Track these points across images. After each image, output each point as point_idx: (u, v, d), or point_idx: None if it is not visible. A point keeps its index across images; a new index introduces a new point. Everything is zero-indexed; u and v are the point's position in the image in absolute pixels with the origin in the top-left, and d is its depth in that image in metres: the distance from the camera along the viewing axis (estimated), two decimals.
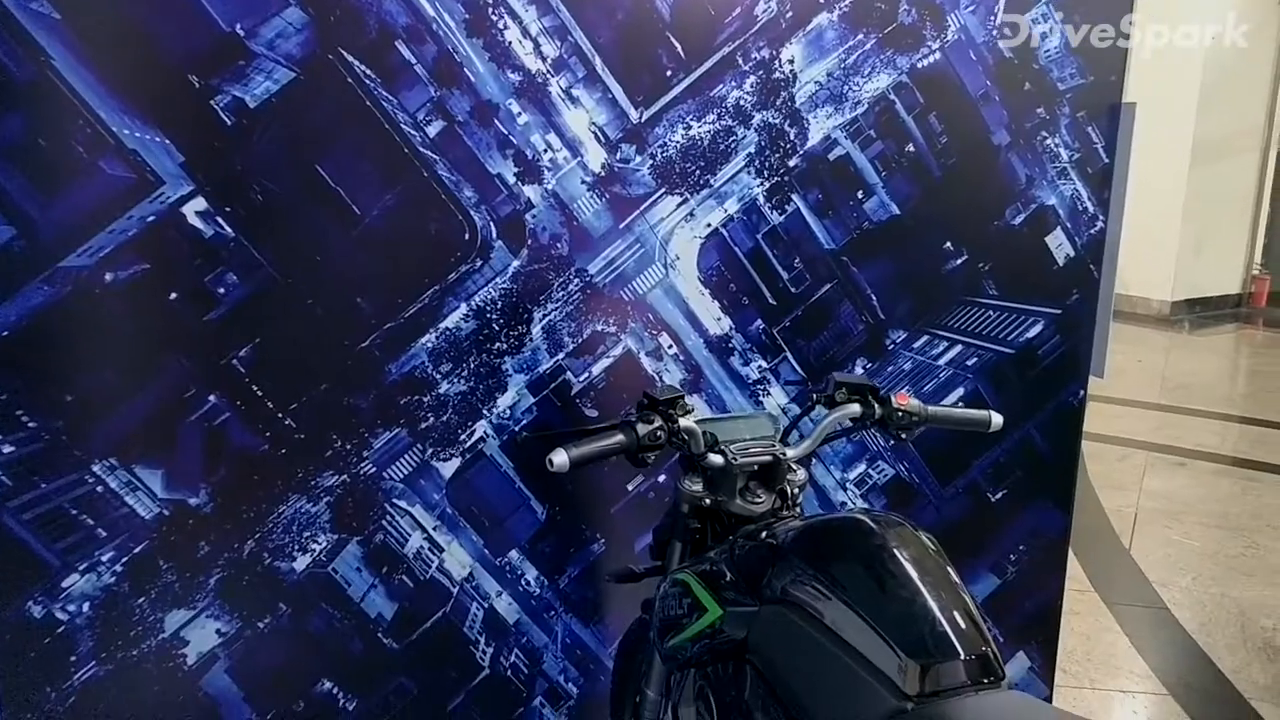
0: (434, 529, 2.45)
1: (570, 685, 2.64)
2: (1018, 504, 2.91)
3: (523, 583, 2.55)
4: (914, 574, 1.40)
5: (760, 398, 2.66)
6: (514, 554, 2.53)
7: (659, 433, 1.71)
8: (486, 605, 2.53)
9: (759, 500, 1.81)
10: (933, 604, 1.37)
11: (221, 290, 2.19)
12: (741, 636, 1.57)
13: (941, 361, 2.78)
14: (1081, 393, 2.88)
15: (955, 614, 1.36)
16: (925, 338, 2.75)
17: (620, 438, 1.69)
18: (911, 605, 1.37)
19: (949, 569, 1.44)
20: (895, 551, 1.44)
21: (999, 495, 2.89)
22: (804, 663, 1.44)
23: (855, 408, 1.89)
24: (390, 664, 2.47)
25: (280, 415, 2.28)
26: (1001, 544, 2.94)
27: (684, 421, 1.75)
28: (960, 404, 2.78)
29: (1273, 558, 4.43)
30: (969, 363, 2.78)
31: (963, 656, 1.32)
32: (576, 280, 2.42)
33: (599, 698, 2.64)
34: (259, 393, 2.25)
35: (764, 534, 1.61)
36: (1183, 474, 5.61)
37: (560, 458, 1.61)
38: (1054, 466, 2.91)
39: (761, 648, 1.53)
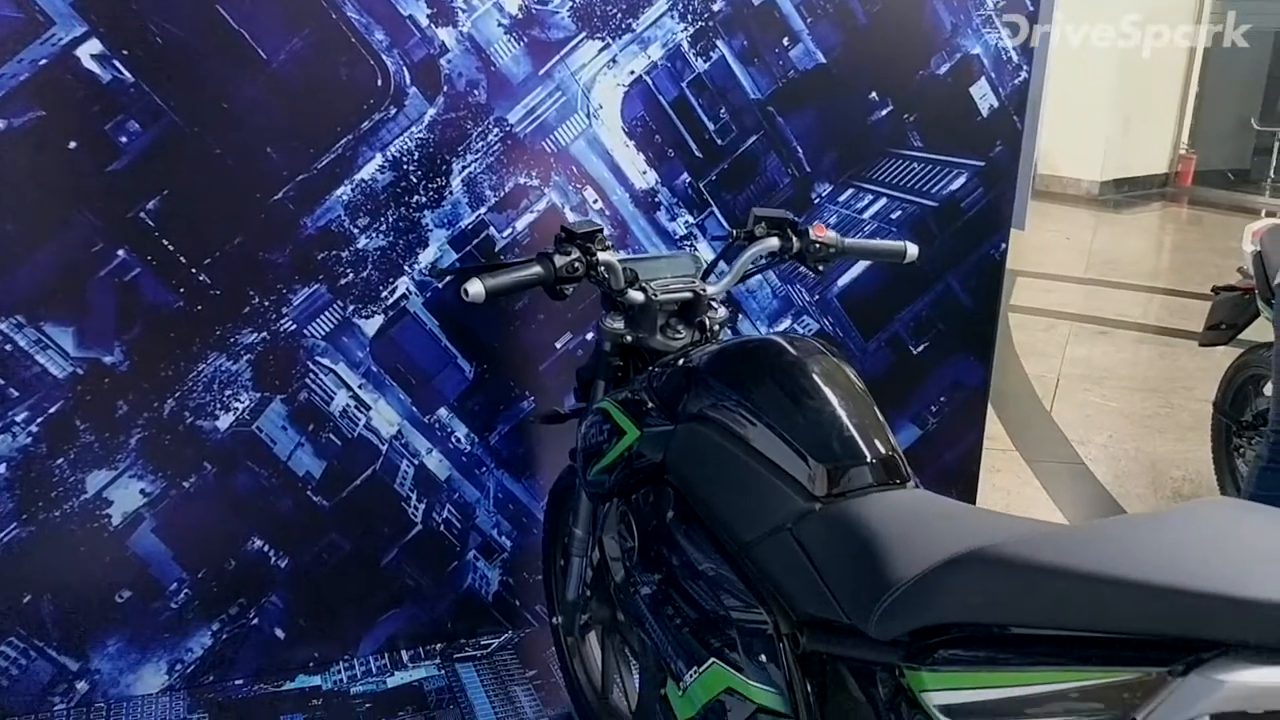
0: (359, 387, 2.43)
1: (504, 539, 2.68)
2: (939, 357, 2.97)
3: (453, 440, 2.56)
4: (823, 387, 1.43)
5: None
6: (443, 412, 2.53)
7: (576, 265, 1.70)
8: (417, 462, 2.54)
9: (679, 336, 1.82)
10: (840, 413, 1.40)
11: (124, 139, 2.11)
12: (659, 459, 1.59)
13: (866, 215, 2.79)
14: (1003, 245, 2.93)
15: (861, 421, 1.40)
16: (850, 191, 2.75)
17: (537, 269, 1.67)
18: (820, 414, 1.40)
19: (857, 383, 1.47)
20: (805, 367, 1.46)
21: (921, 348, 2.95)
22: (718, 476, 1.47)
23: (774, 241, 1.89)
24: (321, 521, 2.48)
25: (194, 271, 2.22)
26: (923, 396, 3.01)
27: (602, 255, 1.74)
28: None
29: (1184, 415, 4.60)
30: (893, 216, 2.80)
31: (868, 459, 1.36)
32: (496, 130, 2.37)
33: (532, 550, 2.69)
34: (170, 247, 2.19)
35: (681, 360, 1.62)
36: (1105, 342, 5.77)
37: (475, 288, 1.59)
38: (975, 319, 2.97)
39: (678, 466, 1.55)
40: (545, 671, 2.58)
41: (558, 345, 2.58)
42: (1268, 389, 3.37)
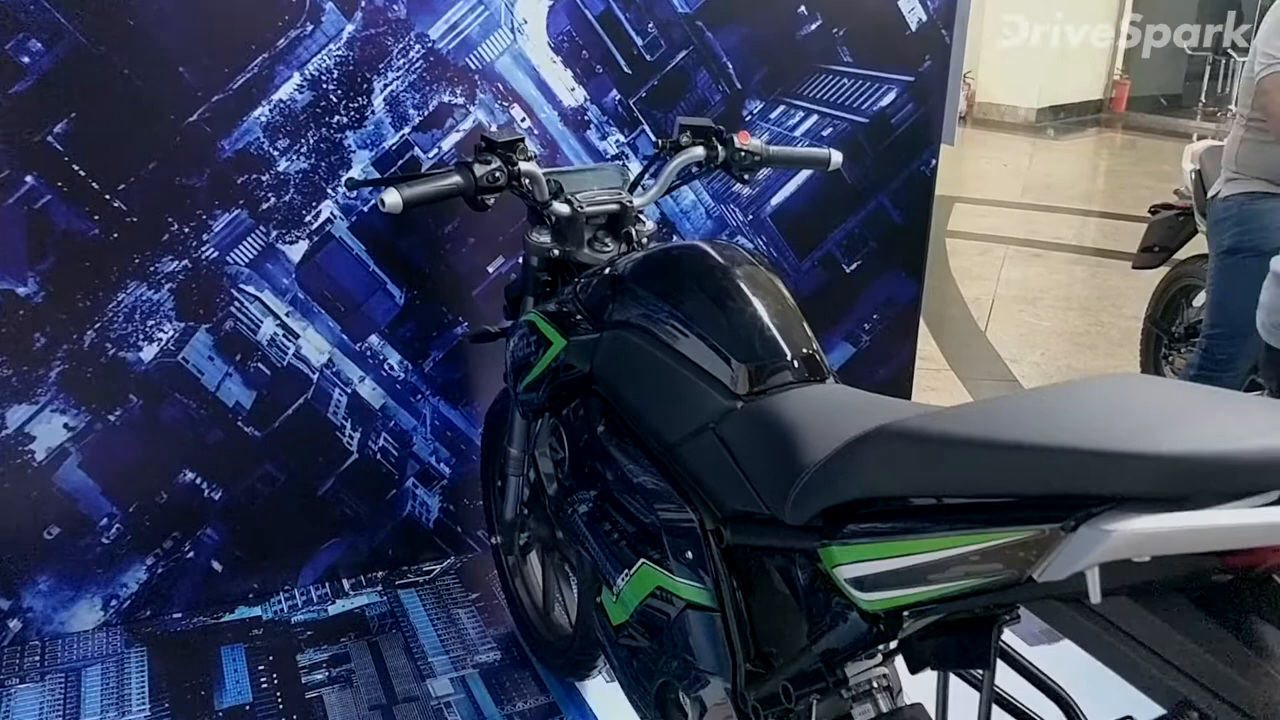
0: (287, 315, 2.39)
1: (442, 466, 2.67)
2: (871, 274, 3.00)
3: (385, 367, 2.53)
4: (745, 289, 1.43)
5: None
6: (374, 339, 2.50)
7: (497, 174, 1.67)
8: (349, 391, 2.51)
9: (607, 249, 1.81)
10: (761, 313, 1.41)
11: (25, 59, 2.02)
12: (587, 369, 1.59)
13: (798, 133, 2.78)
14: (933, 161, 2.94)
15: (782, 321, 1.41)
16: (781, 108, 2.74)
17: (456, 179, 1.65)
18: (741, 316, 1.40)
19: (779, 284, 1.48)
20: (727, 270, 1.47)
21: (854, 266, 2.97)
22: (643, 381, 1.47)
23: (699, 150, 1.88)
24: (254, 452, 2.45)
25: (107, 197, 2.15)
26: (856, 314, 3.04)
27: (525, 166, 1.72)
28: (815, 174, 2.81)
29: (1114, 332, 4.71)
30: (824, 133, 2.79)
31: (788, 357, 1.37)
32: (418, 46, 2.31)
33: (472, 477, 2.68)
34: (81, 172, 2.12)
35: (606, 269, 1.62)
36: (1039, 264, 5.87)
37: (392, 198, 1.56)
38: (906, 235, 2.99)
39: (605, 374, 1.56)
40: (488, 594, 2.60)
41: (490, 269, 2.55)
42: (1198, 300, 3.45)
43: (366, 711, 2.19)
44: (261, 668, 2.32)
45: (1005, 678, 1.23)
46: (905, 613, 1.01)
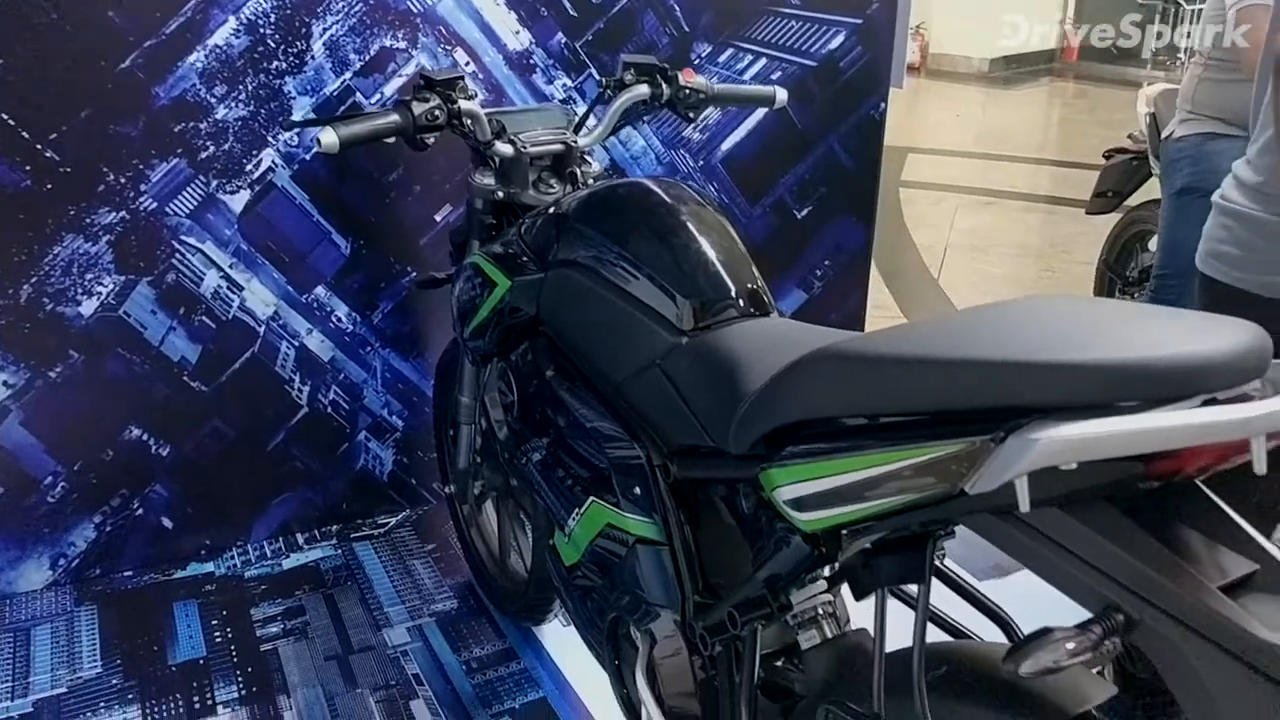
0: (230, 266, 2.35)
1: (394, 418, 2.65)
2: (822, 220, 3.00)
3: (333, 319, 2.50)
4: (689, 225, 1.43)
5: None
6: (321, 290, 2.46)
7: (436, 113, 1.64)
8: (297, 343, 2.48)
9: (552, 190, 1.79)
10: (705, 249, 1.40)
11: None
12: (533, 311, 1.58)
13: (746, 76, 2.76)
14: (882, 105, 2.94)
15: (726, 257, 1.40)
16: (730, 51, 2.71)
17: (395, 118, 1.62)
18: (685, 252, 1.40)
19: (723, 221, 1.47)
20: (671, 207, 1.46)
21: (805, 212, 2.97)
22: (589, 320, 1.47)
23: (643, 88, 1.86)
24: (201, 407, 2.42)
25: (39, 146, 2.09)
26: (808, 260, 3.04)
27: (465, 104, 1.69)
28: (765, 119, 2.79)
29: (1065, 278, 4.77)
30: (773, 77, 2.78)
31: (732, 292, 1.37)
32: None
33: (425, 429, 2.67)
34: (10, 121, 2.05)
35: (550, 209, 1.60)
36: (991, 212, 5.91)
37: (329, 137, 1.53)
38: (856, 180, 3.00)
39: (551, 315, 1.55)
40: (444, 545, 2.60)
41: (437, 218, 2.52)
42: (1153, 244, 3.49)
43: (322, 662, 2.18)
44: (215, 622, 2.30)
45: (949, 603, 1.25)
46: (844, 532, 1.02)
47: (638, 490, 1.38)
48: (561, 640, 2.25)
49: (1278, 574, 0.79)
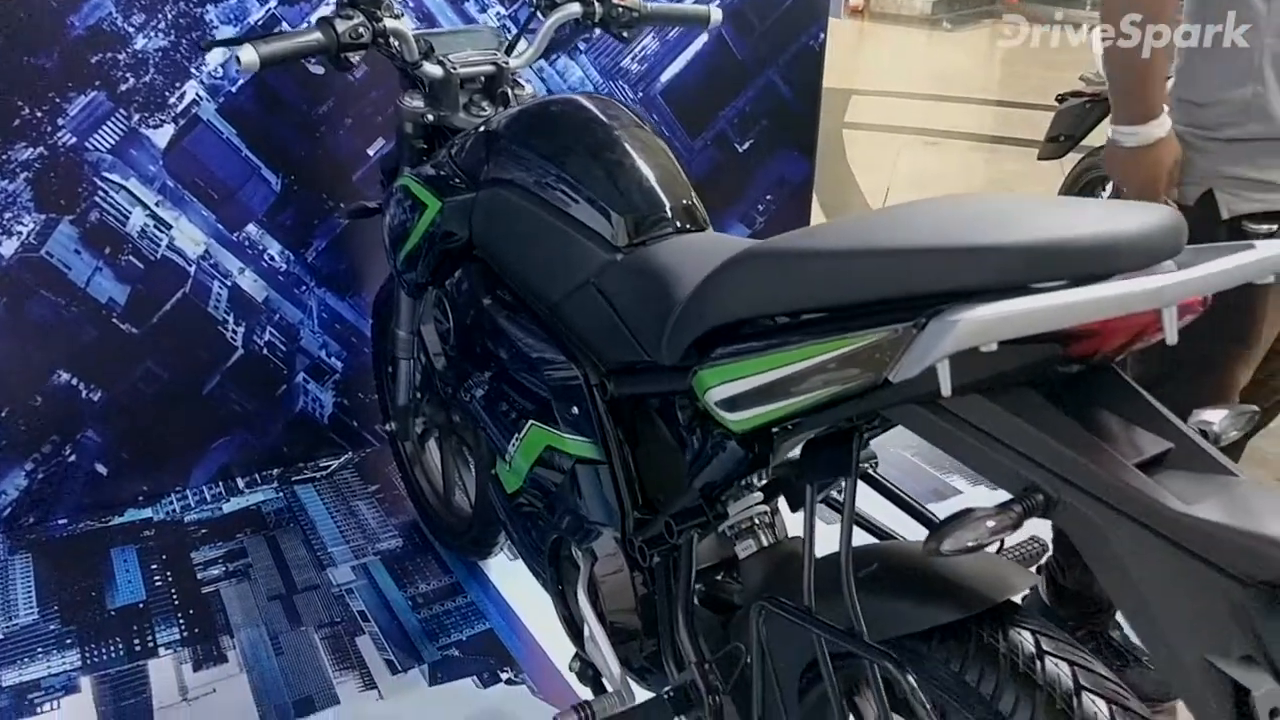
0: (156, 204, 2.28)
1: (333, 360, 2.61)
2: (764, 153, 2.99)
3: (266, 258, 2.44)
4: (622, 141, 1.41)
5: None
6: (252, 228, 2.41)
7: (360, 30, 1.59)
8: (230, 283, 2.42)
9: (484, 113, 1.75)
10: (639, 165, 1.38)
11: None
12: (465, 235, 1.56)
13: (686, 2, 2.72)
14: (821, 35, 2.92)
15: (660, 173, 1.39)
16: None
17: (317, 35, 1.56)
18: (619, 167, 1.38)
19: (656, 137, 1.46)
20: (604, 123, 1.44)
21: (746, 145, 2.95)
22: (523, 240, 1.45)
23: (576, 7, 1.82)
24: (132, 350, 2.36)
25: None
26: (750, 194, 3.04)
27: (391, 23, 1.64)
28: (704, 49, 2.76)
29: None
30: (711, 4, 2.74)
31: (667, 207, 1.36)
32: None
33: (365, 370, 2.63)
34: None
35: (481, 128, 1.57)
36: (934, 152, 5.94)
37: (248, 55, 1.48)
38: (797, 113, 2.98)
39: (484, 237, 1.52)
40: (388, 485, 2.58)
41: (370, 152, 2.47)
42: (1109, 190, 3.51)
43: (265, 602, 2.16)
44: (154, 566, 2.27)
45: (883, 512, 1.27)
46: (774, 431, 1.03)
47: (575, 411, 1.37)
48: (507, 573, 2.25)
49: (1191, 452, 0.81)
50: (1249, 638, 0.71)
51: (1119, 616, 1.92)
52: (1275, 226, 1.45)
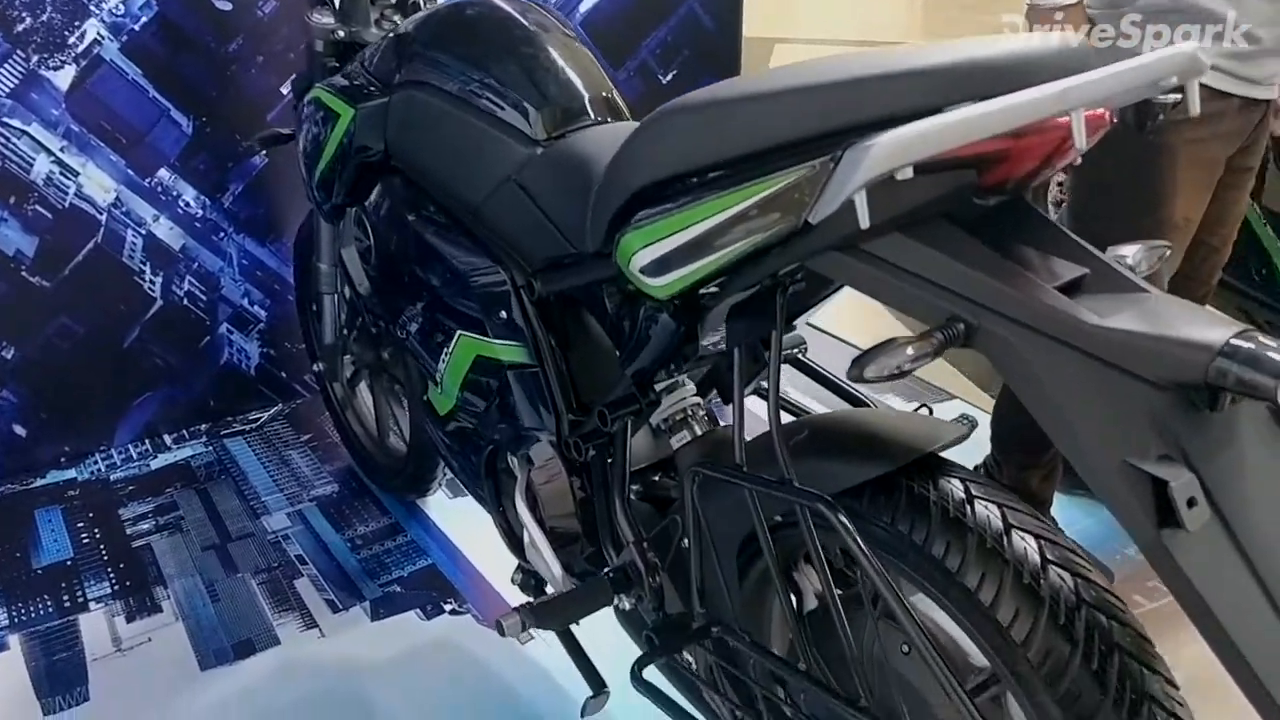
0: (62, 150, 2.20)
1: (256, 309, 2.55)
2: (688, 83, 2.97)
3: (181, 204, 2.37)
4: (537, 36, 1.39)
5: None
6: (164, 173, 2.33)
7: None
8: (144, 231, 2.35)
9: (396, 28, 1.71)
10: (555, 58, 1.37)
11: None
12: (381, 146, 1.52)
13: None
14: None
15: (577, 65, 1.37)
16: None
17: None
18: (534, 62, 1.36)
19: (570, 32, 1.43)
20: (517, 19, 1.41)
21: (670, 76, 2.93)
22: (440, 143, 1.42)
23: None
24: (45, 304, 2.28)
25: None
26: None
27: None
28: None
29: None
30: None
31: (585, 99, 1.34)
32: None
33: (290, 319, 2.57)
34: None
35: (392, 32, 1.53)
36: None
37: None
38: (719, 42, 2.97)
39: (401, 145, 1.49)
40: (320, 434, 2.54)
41: (284, 91, 2.40)
42: None
43: (199, 553, 2.12)
44: (81, 525, 2.21)
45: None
46: (701, 294, 1.02)
47: (503, 314, 1.35)
48: (447, 511, 2.23)
49: (1105, 276, 0.82)
50: (1165, 438, 0.72)
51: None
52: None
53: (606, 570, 1.21)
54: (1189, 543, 0.70)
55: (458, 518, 2.19)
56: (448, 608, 1.95)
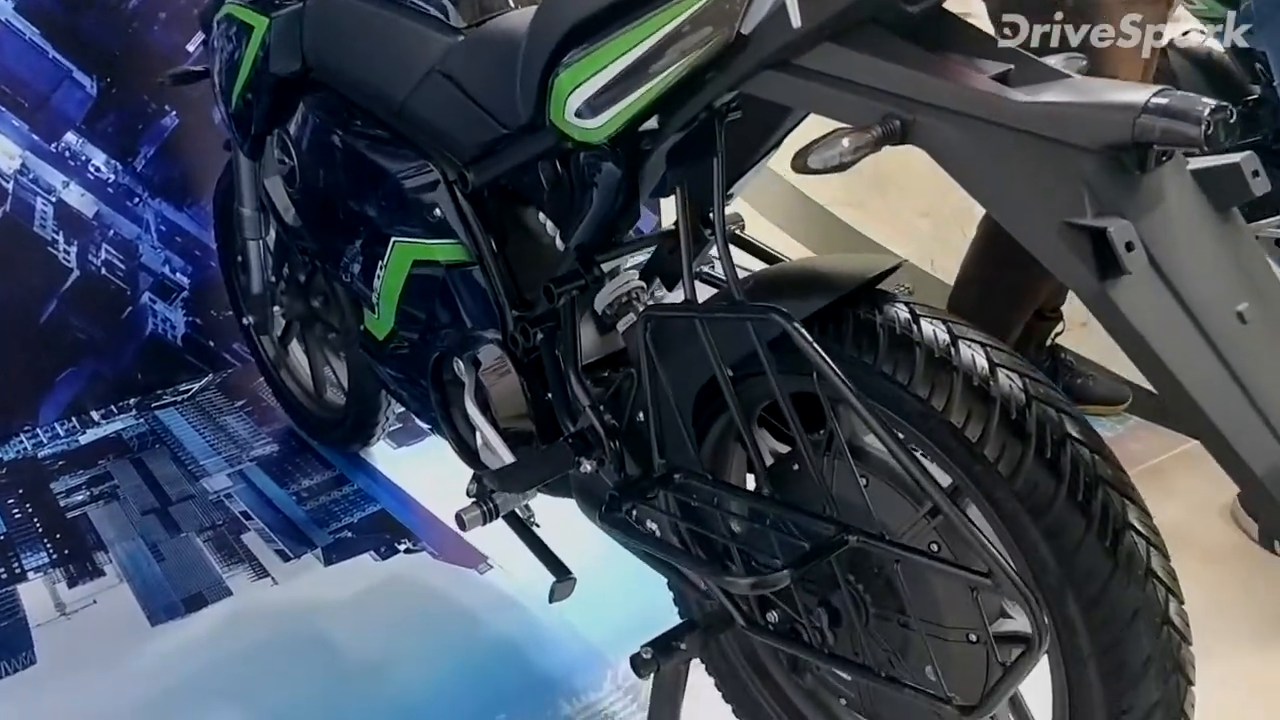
0: None
1: (179, 276, 2.49)
2: None
3: (91, 169, 2.30)
4: None
5: None
6: (71, 137, 2.26)
7: None
8: (54, 199, 2.27)
9: None
10: None
11: None
12: (298, 64, 1.50)
13: None
14: None
15: None
16: None
17: None
18: None
19: None
20: None
21: None
22: (359, 44, 1.40)
23: None
24: None
25: None
26: None
27: None
28: None
29: None
30: None
31: None
32: None
33: (214, 285, 2.51)
34: None
35: None
36: None
37: None
38: None
39: (318, 53, 1.47)
40: (255, 400, 2.49)
41: (190, 49, 2.34)
42: None
43: (139, 517, 2.07)
44: (10, 501, 2.14)
45: None
46: (640, 135, 1.02)
47: (439, 211, 1.34)
48: (392, 459, 2.21)
49: (1029, 67, 0.84)
50: (1100, 198, 0.75)
51: None
52: None
53: (565, 437, 1.20)
54: (1129, 290, 0.73)
55: (404, 465, 2.17)
56: (402, 547, 1.94)
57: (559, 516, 1.43)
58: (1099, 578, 0.87)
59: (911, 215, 3.25)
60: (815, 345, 0.88)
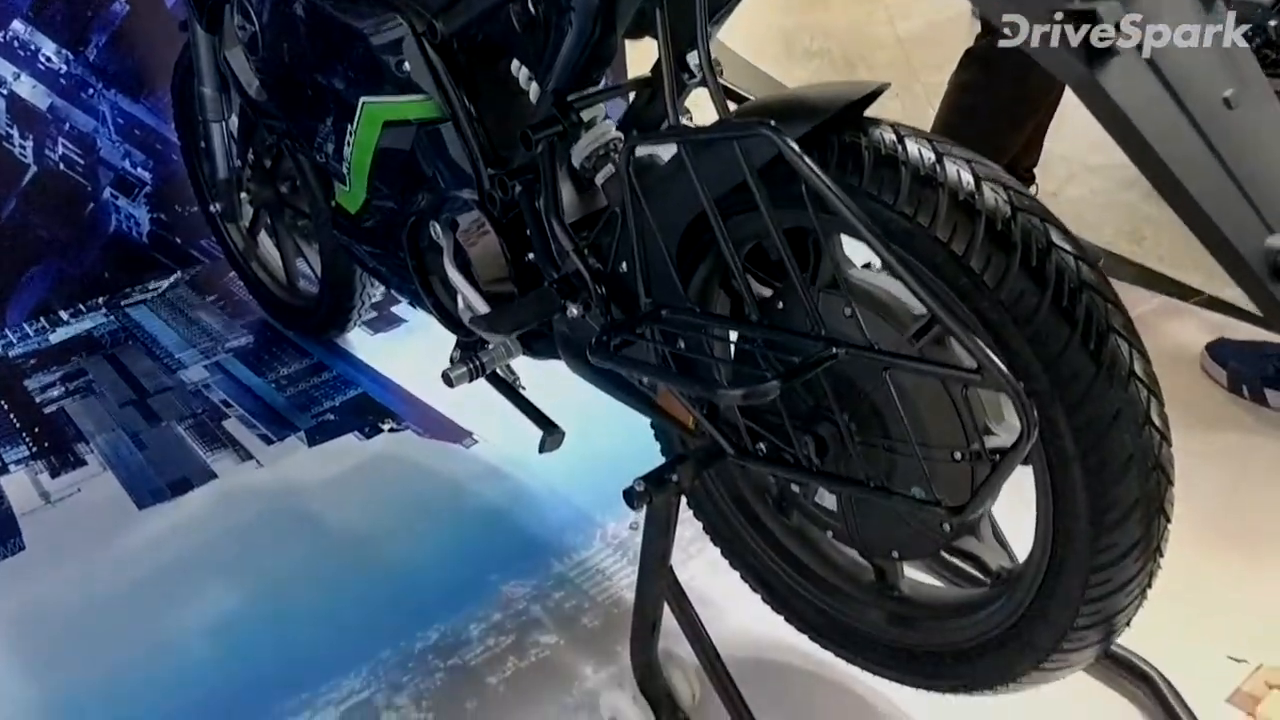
0: None
1: (140, 170, 2.43)
2: None
3: (42, 59, 2.22)
4: None
5: None
6: (19, 26, 2.18)
7: None
8: (5, 91, 2.20)
9: None
10: None
11: None
12: None
13: None
14: None
15: None
16: None
17: None
18: None
19: None
20: None
21: None
22: None
23: None
24: None
25: None
26: None
27: None
28: None
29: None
30: None
31: None
32: None
33: (178, 181, 2.46)
34: None
35: None
36: None
37: None
38: None
39: None
40: (227, 295, 2.46)
41: None
42: None
43: (117, 409, 2.05)
44: None
45: None
46: None
47: (407, 66, 1.31)
48: (369, 346, 2.20)
49: None
50: None
51: None
52: None
53: (550, 282, 1.20)
54: (1117, 73, 0.73)
55: (381, 351, 2.17)
56: (385, 427, 1.94)
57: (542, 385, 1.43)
58: (1083, 380, 0.89)
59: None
60: (806, 159, 0.87)
